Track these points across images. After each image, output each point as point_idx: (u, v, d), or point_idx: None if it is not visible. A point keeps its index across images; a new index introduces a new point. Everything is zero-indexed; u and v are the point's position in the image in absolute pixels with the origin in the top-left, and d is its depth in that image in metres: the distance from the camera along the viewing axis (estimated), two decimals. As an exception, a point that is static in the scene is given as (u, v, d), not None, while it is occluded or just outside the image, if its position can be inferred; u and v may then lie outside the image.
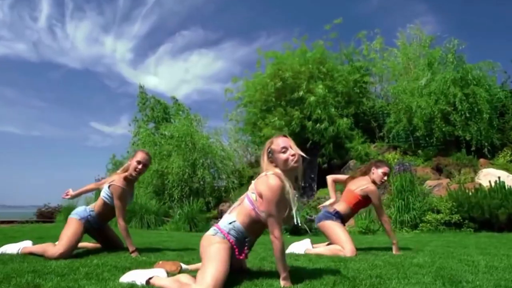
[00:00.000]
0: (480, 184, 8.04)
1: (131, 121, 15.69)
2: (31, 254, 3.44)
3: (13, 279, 2.26)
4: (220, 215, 9.81)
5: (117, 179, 3.75)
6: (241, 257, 2.38)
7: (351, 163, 10.66)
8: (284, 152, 2.32)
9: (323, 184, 10.60)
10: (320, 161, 10.74)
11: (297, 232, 7.32)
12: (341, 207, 4.05)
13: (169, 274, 2.51)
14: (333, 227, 3.95)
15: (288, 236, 6.98)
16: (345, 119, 10.70)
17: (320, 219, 4.09)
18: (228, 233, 2.32)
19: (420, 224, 7.42)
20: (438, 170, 9.94)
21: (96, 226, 3.84)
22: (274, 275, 2.39)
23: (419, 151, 10.57)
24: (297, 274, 2.45)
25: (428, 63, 10.64)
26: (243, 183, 10.90)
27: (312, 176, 11.05)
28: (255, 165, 11.99)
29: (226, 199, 10.44)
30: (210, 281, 2.05)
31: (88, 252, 3.76)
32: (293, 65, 11.13)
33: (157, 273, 2.43)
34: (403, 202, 7.60)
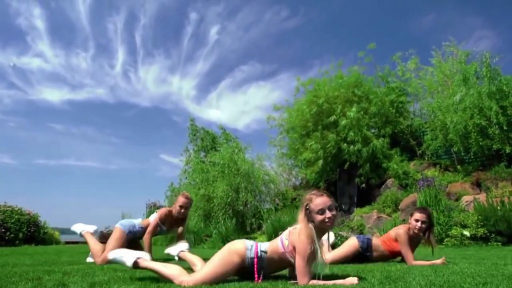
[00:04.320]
0: (509, 197, 7.47)
1: (182, 151, 16.53)
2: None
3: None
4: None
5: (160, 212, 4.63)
6: (257, 281, 2.49)
7: (389, 182, 10.51)
8: (321, 214, 2.44)
9: (361, 204, 10.89)
10: (358, 181, 10.78)
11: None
12: (375, 239, 4.27)
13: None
14: (346, 243, 4.31)
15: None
16: (380, 139, 10.71)
17: (356, 236, 4.43)
18: (259, 257, 2.58)
19: (446, 239, 7.19)
20: (478, 185, 9.56)
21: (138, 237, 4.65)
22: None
23: (459, 167, 10.41)
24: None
25: (463, 78, 10.31)
26: (287, 205, 11.50)
27: (351, 195, 11.35)
28: (299, 187, 12.57)
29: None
30: (200, 277, 2.41)
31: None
32: (328, 91, 11.54)
33: (143, 256, 2.72)
34: (427, 217, 7.63)
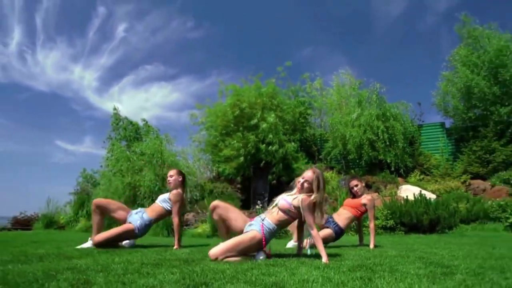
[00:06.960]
0: (407, 196, 9.60)
1: (105, 139, 16.68)
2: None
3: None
4: (186, 223, 11.07)
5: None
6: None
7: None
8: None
9: (271, 197, 12.44)
10: (270, 178, 12.35)
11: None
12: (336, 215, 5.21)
13: None
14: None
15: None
16: (292, 143, 12.39)
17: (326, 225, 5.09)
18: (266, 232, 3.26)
19: (363, 229, 9.13)
20: (367, 186, 12.05)
21: None
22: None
23: (352, 171, 12.89)
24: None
25: (358, 101, 13.00)
26: (204, 196, 12.35)
27: (264, 189, 12.87)
28: (214, 180, 13.57)
29: (190, 210, 11.80)
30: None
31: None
32: (250, 97, 12.91)
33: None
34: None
